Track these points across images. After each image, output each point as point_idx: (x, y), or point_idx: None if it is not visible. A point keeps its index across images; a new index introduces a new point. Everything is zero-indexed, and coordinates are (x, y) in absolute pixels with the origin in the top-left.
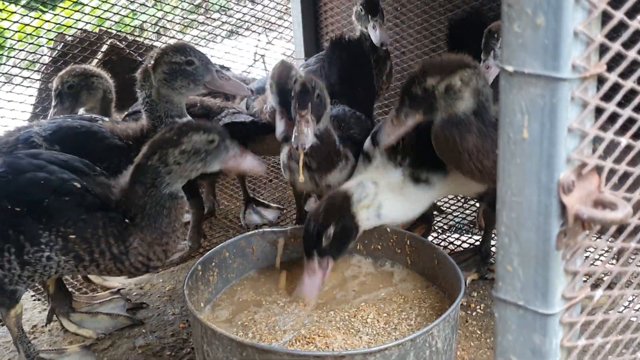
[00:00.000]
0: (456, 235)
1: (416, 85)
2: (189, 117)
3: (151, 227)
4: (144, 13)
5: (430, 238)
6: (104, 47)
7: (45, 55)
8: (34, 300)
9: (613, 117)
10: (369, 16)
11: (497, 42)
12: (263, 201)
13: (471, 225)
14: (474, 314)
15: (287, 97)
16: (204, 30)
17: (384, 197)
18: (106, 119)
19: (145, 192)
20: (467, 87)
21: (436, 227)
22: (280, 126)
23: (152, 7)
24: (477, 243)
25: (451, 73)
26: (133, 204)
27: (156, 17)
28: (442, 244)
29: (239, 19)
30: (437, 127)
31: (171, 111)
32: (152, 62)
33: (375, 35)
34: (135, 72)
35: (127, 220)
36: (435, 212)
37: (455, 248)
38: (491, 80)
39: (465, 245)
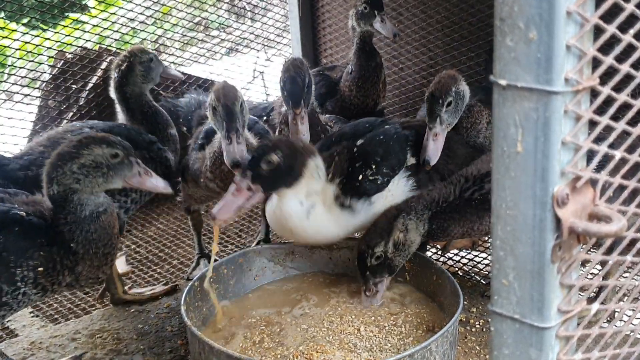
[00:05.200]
0: (455, 251)
1: (369, 258)
2: None
3: (90, 253)
4: (143, 31)
5: (429, 254)
6: (104, 65)
7: (45, 72)
8: (32, 317)
9: (607, 130)
10: (376, 12)
11: (442, 107)
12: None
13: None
14: (473, 329)
15: (235, 120)
16: (203, 48)
17: (321, 200)
18: None
19: (67, 221)
20: (408, 232)
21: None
22: (230, 151)
23: (152, 24)
24: (476, 259)
25: (390, 234)
26: (66, 236)
27: (156, 34)
28: (442, 259)
29: (238, 36)
30: None
31: None
32: None
33: (386, 29)
34: None
35: (72, 245)
36: None
37: (455, 264)
38: (440, 148)
39: (465, 261)
